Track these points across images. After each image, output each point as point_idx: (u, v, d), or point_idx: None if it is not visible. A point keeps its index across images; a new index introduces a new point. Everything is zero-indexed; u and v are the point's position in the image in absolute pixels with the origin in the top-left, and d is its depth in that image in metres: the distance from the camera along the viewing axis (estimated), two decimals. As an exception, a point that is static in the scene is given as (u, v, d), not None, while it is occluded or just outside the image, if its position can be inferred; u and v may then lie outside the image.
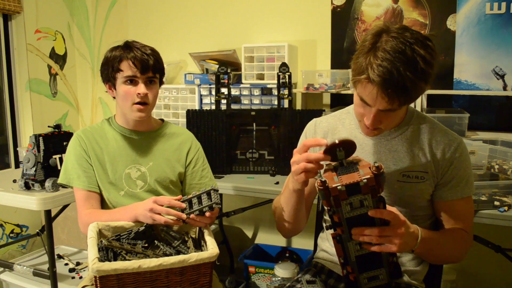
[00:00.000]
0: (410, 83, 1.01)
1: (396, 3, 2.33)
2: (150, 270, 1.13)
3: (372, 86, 1.04)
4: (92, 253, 1.15)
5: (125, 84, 1.44)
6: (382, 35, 1.05)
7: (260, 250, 2.59)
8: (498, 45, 2.13)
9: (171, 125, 1.66)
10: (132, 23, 3.06)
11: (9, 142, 2.94)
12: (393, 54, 1.01)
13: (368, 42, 1.06)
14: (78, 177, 1.48)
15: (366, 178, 0.97)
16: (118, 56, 1.43)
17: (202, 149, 1.66)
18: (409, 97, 1.06)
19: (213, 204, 1.30)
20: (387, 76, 1.01)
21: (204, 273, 1.21)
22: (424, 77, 1.03)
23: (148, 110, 1.49)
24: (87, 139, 1.52)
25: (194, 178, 1.60)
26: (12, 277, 2.27)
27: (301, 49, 2.56)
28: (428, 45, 1.05)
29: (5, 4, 2.68)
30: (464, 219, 1.28)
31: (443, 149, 1.23)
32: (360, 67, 1.06)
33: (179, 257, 1.16)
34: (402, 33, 1.04)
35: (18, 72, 2.91)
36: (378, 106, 1.08)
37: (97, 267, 1.10)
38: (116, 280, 1.13)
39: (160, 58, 1.52)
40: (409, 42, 1.02)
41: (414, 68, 1.01)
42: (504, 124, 2.19)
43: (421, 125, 1.26)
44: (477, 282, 2.27)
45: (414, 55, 1.02)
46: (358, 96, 1.13)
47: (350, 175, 1.01)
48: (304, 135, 1.43)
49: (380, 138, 1.27)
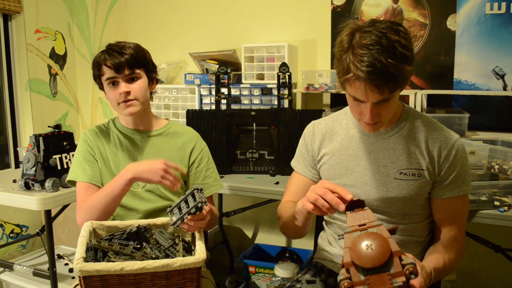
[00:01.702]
0: (393, 68, 1.05)
1: (396, 3, 2.33)
2: (134, 273, 1.12)
3: (359, 81, 1.07)
4: (79, 253, 1.15)
5: (109, 87, 1.47)
6: (355, 34, 1.10)
7: (260, 250, 2.59)
8: (498, 45, 2.13)
9: (176, 124, 1.65)
10: (132, 23, 3.06)
11: (9, 142, 2.94)
12: (370, 47, 1.06)
13: (344, 42, 1.12)
14: (83, 171, 1.49)
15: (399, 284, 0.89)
16: (97, 62, 1.47)
17: (207, 149, 1.64)
18: (397, 82, 1.08)
19: (197, 204, 1.20)
20: (370, 68, 1.04)
21: (190, 279, 1.18)
22: (404, 60, 1.07)
23: (137, 105, 1.48)
24: (92, 138, 1.54)
25: (198, 178, 1.59)
26: (12, 277, 2.27)
27: (301, 49, 2.56)
28: (399, 30, 1.09)
29: (5, 4, 2.68)
30: (460, 217, 1.29)
31: (439, 147, 1.23)
32: (344, 67, 1.10)
33: (163, 261, 1.13)
34: (373, 25, 1.09)
35: (18, 72, 2.91)
36: (371, 100, 1.10)
37: (80, 267, 1.10)
38: (100, 281, 1.12)
39: (141, 52, 1.49)
40: (382, 32, 1.07)
41: (393, 53, 1.06)
42: (504, 124, 2.19)
43: (418, 123, 1.27)
44: (477, 282, 2.27)
45: (390, 42, 1.06)
46: (350, 97, 1.16)
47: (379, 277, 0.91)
48: (303, 139, 1.44)
49: (377, 136, 1.28)
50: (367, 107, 1.12)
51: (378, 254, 0.91)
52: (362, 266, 0.91)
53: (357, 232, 0.98)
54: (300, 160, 1.44)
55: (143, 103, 1.50)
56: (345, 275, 0.93)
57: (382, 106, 1.13)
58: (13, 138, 2.95)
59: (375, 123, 1.18)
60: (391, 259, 0.91)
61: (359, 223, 1.00)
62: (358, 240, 0.94)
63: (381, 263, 0.90)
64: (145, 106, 1.52)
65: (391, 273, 0.89)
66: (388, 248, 0.91)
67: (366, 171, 1.28)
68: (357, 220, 1.01)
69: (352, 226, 1.00)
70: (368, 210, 1.03)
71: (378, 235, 0.94)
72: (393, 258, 0.91)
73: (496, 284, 2.25)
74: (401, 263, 0.91)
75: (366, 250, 0.92)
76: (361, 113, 1.17)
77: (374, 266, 0.90)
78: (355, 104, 1.16)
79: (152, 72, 1.55)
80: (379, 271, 0.90)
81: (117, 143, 1.55)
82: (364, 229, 0.98)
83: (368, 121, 1.15)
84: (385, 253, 0.91)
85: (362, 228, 0.99)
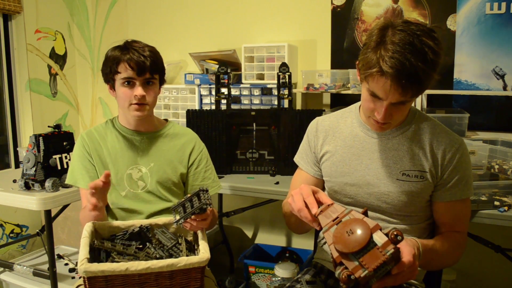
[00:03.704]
0: (422, 72, 1.03)
1: (396, 3, 2.33)
2: (138, 273, 1.12)
3: (385, 78, 1.05)
4: (82, 254, 1.15)
5: (123, 86, 1.45)
6: (388, 29, 1.07)
7: (260, 250, 2.59)
8: (498, 45, 2.13)
9: (175, 125, 1.65)
10: (132, 23, 3.06)
11: (9, 142, 2.94)
12: (402, 46, 1.03)
13: (375, 36, 1.08)
14: (82, 177, 1.51)
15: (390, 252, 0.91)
16: (116, 58, 1.43)
17: (206, 150, 1.64)
18: (422, 87, 1.07)
19: (202, 205, 1.23)
20: (399, 67, 1.02)
21: (195, 278, 1.18)
22: (433, 66, 1.06)
23: (147, 109, 1.48)
24: (89, 141, 1.53)
25: (197, 179, 1.59)
26: (12, 277, 2.27)
27: (301, 49, 2.56)
28: (434, 36, 1.07)
29: (5, 4, 2.68)
30: (461, 220, 1.28)
31: (444, 150, 1.23)
32: (371, 61, 1.07)
33: (168, 261, 1.14)
34: (408, 26, 1.07)
35: (18, 72, 2.91)
36: (390, 99, 1.09)
37: (84, 268, 1.10)
38: (105, 281, 1.12)
39: (160, 58, 1.51)
40: (416, 34, 1.05)
41: (424, 58, 1.04)
42: (504, 124, 2.19)
43: (423, 125, 1.26)
44: (477, 282, 2.27)
45: (423, 46, 1.04)
46: (368, 92, 1.13)
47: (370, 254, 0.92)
48: (306, 135, 1.44)
49: (381, 136, 1.27)
50: (383, 105, 1.11)
51: (360, 235, 0.94)
52: (351, 251, 0.93)
53: (333, 227, 1.01)
54: (304, 157, 1.43)
55: (152, 109, 1.52)
56: (341, 268, 0.95)
57: (397, 107, 1.12)
58: (13, 138, 2.95)
59: (384, 123, 1.17)
60: (373, 234, 0.94)
61: (332, 219, 1.03)
62: (337, 232, 0.98)
63: (366, 241, 0.93)
64: (152, 111, 1.54)
65: (380, 246, 0.92)
66: (367, 226, 0.95)
67: (369, 171, 1.28)
68: (329, 217, 1.03)
69: (327, 224, 1.02)
70: (334, 204, 1.06)
71: (353, 219, 0.98)
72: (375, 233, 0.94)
73: (496, 284, 2.25)
74: (383, 233, 0.94)
75: (348, 237, 0.95)
76: (373, 110, 1.15)
77: (362, 246, 0.92)
78: (371, 100, 1.14)
79: (163, 78, 1.56)
80: (368, 249, 0.93)
81: (115, 144, 1.54)
82: (338, 221, 1.01)
83: (380, 120, 1.14)
84: (366, 231, 0.94)
85: (337, 221, 1.01)
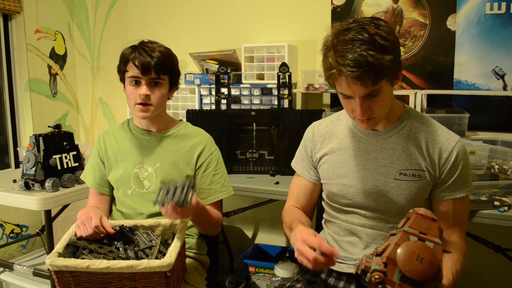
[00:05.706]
0: (372, 58, 1.05)
1: (396, 3, 2.33)
2: (101, 272, 1.14)
3: (343, 76, 1.09)
4: (56, 248, 1.20)
5: (130, 85, 1.47)
6: (338, 35, 1.11)
7: (260, 250, 2.59)
8: (498, 45, 2.13)
9: (188, 126, 1.63)
10: (132, 23, 3.06)
11: (9, 142, 2.94)
12: (350, 42, 1.07)
13: (328, 41, 1.14)
14: (93, 178, 1.58)
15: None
16: (125, 57, 1.46)
17: (218, 153, 1.60)
18: (377, 72, 1.07)
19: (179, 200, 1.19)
20: (350, 62, 1.06)
21: (159, 283, 1.15)
22: (384, 50, 1.07)
23: (151, 110, 1.47)
24: (103, 140, 1.59)
25: (204, 182, 1.55)
26: (12, 277, 2.27)
27: (301, 49, 2.56)
28: (379, 24, 1.11)
29: (5, 4, 2.68)
30: (460, 219, 1.28)
31: (440, 149, 1.23)
32: (327, 65, 1.13)
33: (128, 262, 1.14)
34: (353, 23, 1.11)
35: (18, 72, 2.91)
36: (357, 93, 1.11)
37: (50, 261, 1.14)
38: (71, 277, 1.16)
39: (170, 59, 1.49)
40: (362, 27, 1.08)
41: (372, 45, 1.06)
42: (504, 124, 2.19)
43: (418, 124, 1.27)
44: (477, 282, 2.27)
45: (369, 35, 1.07)
46: (340, 94, 1.17)
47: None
48: (303, 141, 1.45)
49: (376, 136, 1.28)
50: (356, 102, 1.13)
51: (423, 270, 0.90)
52: (403, 271, 0.90)
53: (414, 237, 0.97)
54: (300, 162, 1.44)
55: (157, 110, 1.50)
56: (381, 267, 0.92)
57: (372, 100, 1.13)
58: (13, 138, 2.95)
59: (369, 119, 1.17)
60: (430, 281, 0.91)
61: (422, 230, 0.98)
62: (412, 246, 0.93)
63: (421, 279, 0.90)
64: (158, 112, 1.51)
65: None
66: (434, 271, 0.91)
67: (366, 171, 1.28)
68: (421, 227, 0.99)
69: (414, 229, 0.98)
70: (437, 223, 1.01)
71: (433, 254, 0.93)
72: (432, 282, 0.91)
73: (496, 284, 2.25)
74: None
75: (415, 260, 0.91)
76: (353, 110, 1.17)
77: (414, 279, 0.90)
78: (346, 101, 1.17)
79: (175, 80, 1.54)
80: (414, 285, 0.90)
81: (126, 143, 1.56)
82: (422, 238, 0.97)
83: (360, 116, 1.15)
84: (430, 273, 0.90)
85: (421, 237, 0.97)
